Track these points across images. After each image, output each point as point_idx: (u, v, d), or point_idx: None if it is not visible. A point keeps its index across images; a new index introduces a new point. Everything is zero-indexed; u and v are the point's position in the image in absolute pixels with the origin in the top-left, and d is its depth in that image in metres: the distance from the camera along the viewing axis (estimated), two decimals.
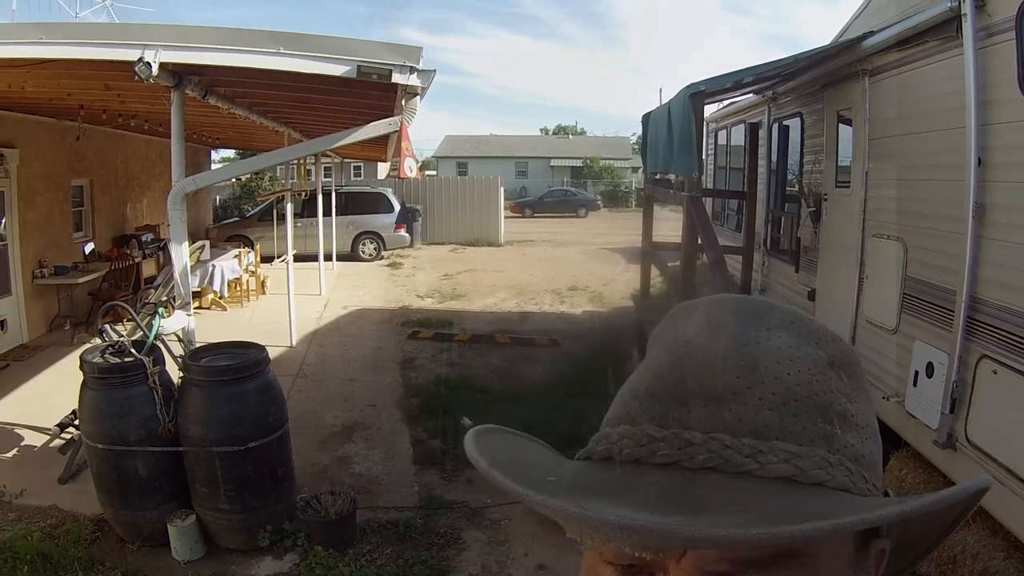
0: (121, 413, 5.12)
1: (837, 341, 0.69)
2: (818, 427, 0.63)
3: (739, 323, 0.67)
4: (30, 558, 5.00)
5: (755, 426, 0.61)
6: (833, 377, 0.66)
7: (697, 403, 0.63)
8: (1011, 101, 4.63)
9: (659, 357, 0.68)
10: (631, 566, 0.61)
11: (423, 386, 9.12)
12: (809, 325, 0.69)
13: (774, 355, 0.65)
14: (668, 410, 0.63)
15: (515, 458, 0.67)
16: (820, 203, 7.95)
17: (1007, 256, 4.68)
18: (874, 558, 0.67)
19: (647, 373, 0.68)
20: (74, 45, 5.32)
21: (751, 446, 0.60)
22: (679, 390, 0.64)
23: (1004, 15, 4.69)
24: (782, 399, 0.62)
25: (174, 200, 5.66)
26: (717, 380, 0.63)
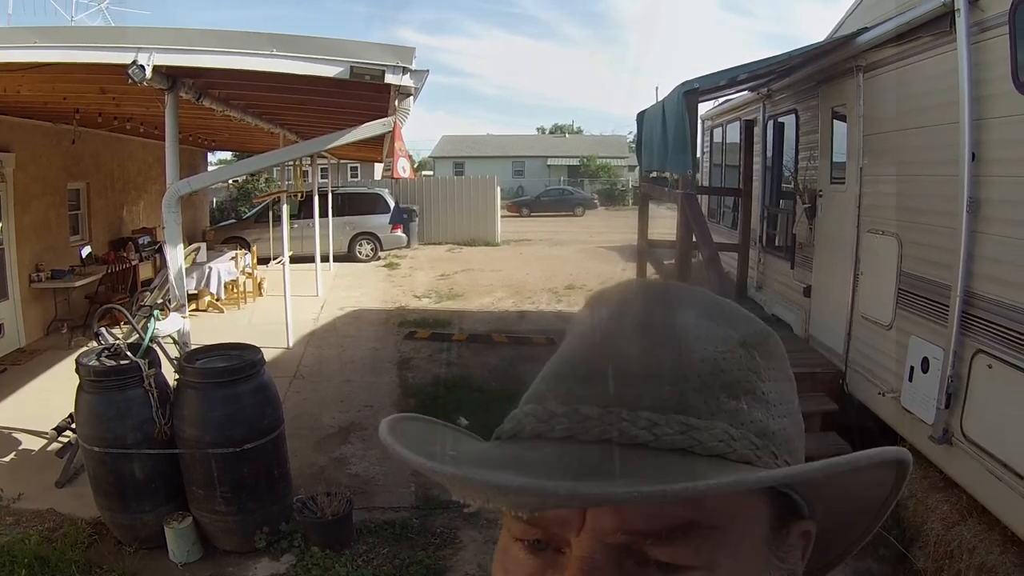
0: (117, 416, 5.12)
1: (751, 322, 0.70)
2: (721, 402, 0.63)
3: (646, 305, 0.68)
4: (28, 562, 4.99)
5: (653, 401, 0.61)
6: (743, 355, 0.66)
7: (598, 381, 0.63)
8: (1005, 96, 4.64)
9: (568, 341, 0.69)
10: (537, 541, 0.63)
11: (420, 386, 9.12)
12: (722, 307, 0.70)
13: (678, 334, 0.65)
14: (571, 388, 0.64)
15: (426, 439, 0.69)
16: (815, 199, 7.96)
17: (1001, 251, 4.69)
18: (798, 539, 0.67)
19: (556, 357, 0.69)
20: (69, 49, 5.32)
21: (647, 419, 0.60)
22: (582, 369, 0.65)
23: (997, 10, 4.70)
24: (682, 375, 0.62)
25: (169, 202, 5.66)
26: (619, 359, 0.63)
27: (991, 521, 4.62)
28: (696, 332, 0.65)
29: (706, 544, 0.59)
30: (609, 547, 0.58)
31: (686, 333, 0.65)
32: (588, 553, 0.58)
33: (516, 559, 0.65)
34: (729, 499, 0.60)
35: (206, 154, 20.77)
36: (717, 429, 0.61)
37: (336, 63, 5.14)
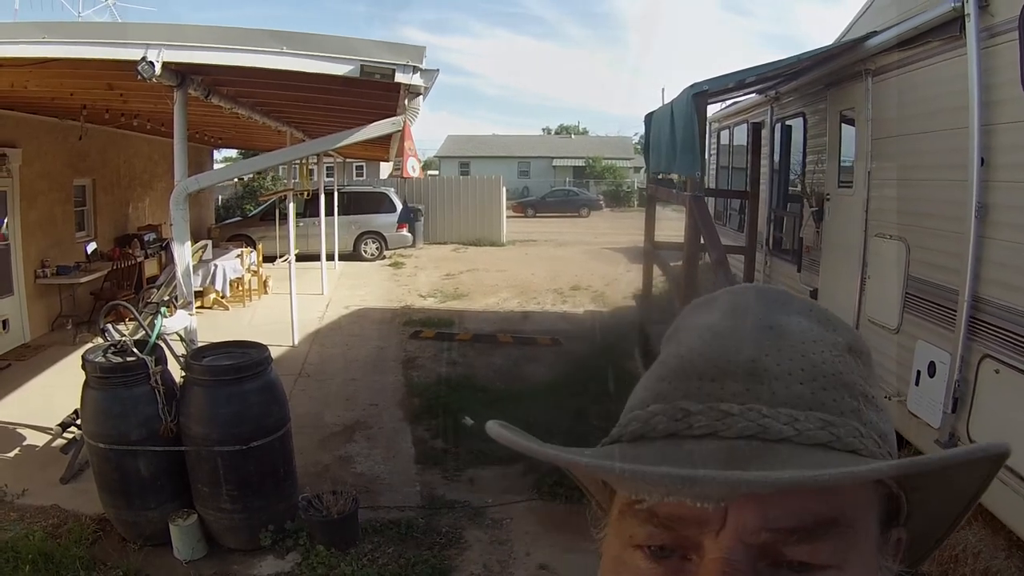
0: (123, 413, 5.12)
1: (852, 330, 0.71)
2: (847, 402, 0.64)
3: (762, 307, 0.69)
4: (32, 558, 5.00)
5: (788, 398, 0.62)
6: (852, 361, 0.67)
7: (729, 379, 0.63)
8: (1014, 101, 4.63)
9: (684, 342, 0.68)
10: (661, 548, 0.61)
11: (425, 386, 9.12)
12: (825, 313, 0.71)
13: (799, 335, 0.66)
14: (701, 387, 0.64)
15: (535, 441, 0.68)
16: (823, 203, 7.95)
17: (1009, 256, 4.68)
18: (893, 546, 0.67)
19: (673, 358, 0.68)
20: (77, 44, 5.32)
21: (788, 414, 0.61)
22: (709, 368, 0.64)
23: (1007, 15, 4.69)
24: (811, 375, 0.64)
25: (177, 199, 5.66)
26: (747, 357, 0.64)
27: (996, 526, 4.61)
28: (812, 336, 0.67)
29: (843, 542, 0.59)
30: (748, 547, 0.58)
31: (805, 336, 0.66)
32: (727, 554, 0.58)
33: (636, 568, 0.63)
34: (860, 498, 0.62)
35: (212, 152, 20.79)
36: (850, 426, 0.63)
37: (346, 61, 5.14)
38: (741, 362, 0.64)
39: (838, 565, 0.59)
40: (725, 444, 0.60)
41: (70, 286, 11.44)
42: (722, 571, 0.57)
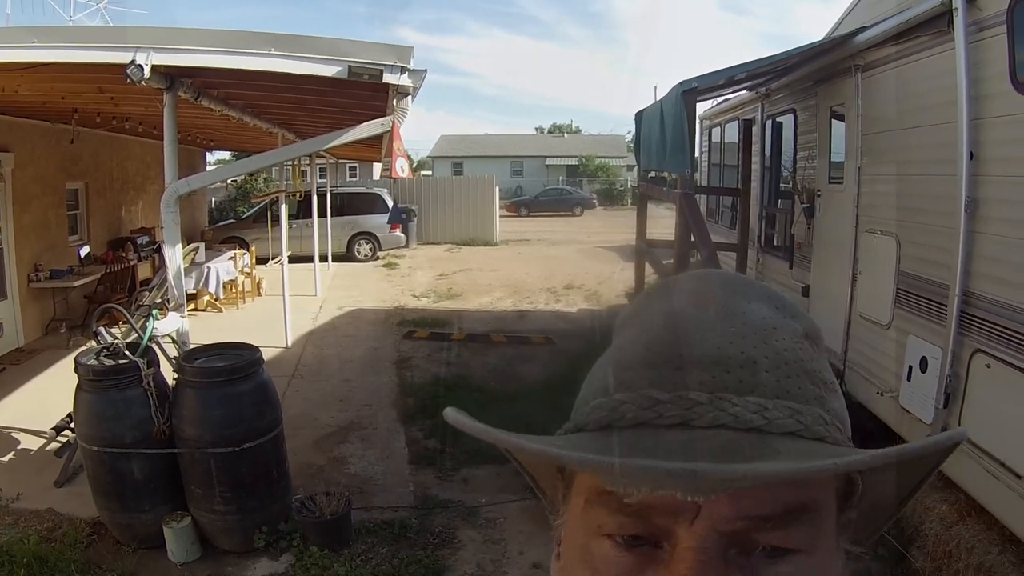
0: (116, 415, 5.12)
1: (807, 316, 0.71)
2: (810, 389, 0.64)
3: (724, 293, 0.69)
4: (27, 562, 4.99)
5: (755, 386, 0.62)
6: (809, 347, 0.68)
7: (695, 367, 0.63)
8: (1003, 95, 4.64)
9: (647, 329, 0.68)
10: (634, 537, 0.61)
11: (419, 386, 9.12)
12: (783, 299, 0.71)
13: (761, 323, 0.66)
14: (666, 375, 0.63)
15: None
16: (813, 199, 7.96)
17: (1000, 250, 4.69)
18: (846, 526, 0.68)
19: (635, 345, 0.68)
20: (67, 48, 5.32)
21: (756, 403, 0.61)
22: (675, 356, 0.64)
23: (995, 9, 4.70)
24: (775, 363, 0.64)
25: (167, 202, 5.66)
26: (712, 346, 0.64)
27: (989, 521, 4.62)
28: (773, 323, 0.67)
29: (811, 527, 0.60)
30: (721, 535, 0.58)
31: (767, 323, 0.66)
32: (701, 543, 0.58)
33: (606, 557, 0.63)
34: (827, 483, 0.63)
35: (204, 154, 20.76)
36: (815, 414, 0.63)
37: (334, 63, 5.15)
38: (707, 350, 0.64)
39: (807, 549, 0.60)
40: (697, 433, 0.60)
41: (63, 290, 11.42)
42: (696, 560, 0.58)
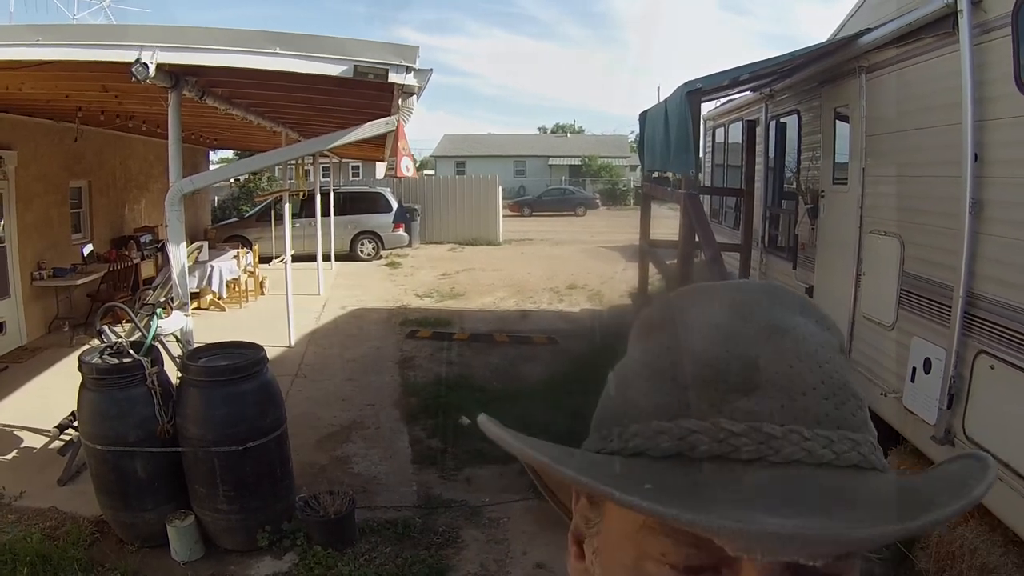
0: (120, 414, 5.12)
1: (837, 327, 0.70)
2: (860, 414, 0.64)
3: (769, 306, 0.66)
4: (30, 560, 5.00)
5: (819, 415, 0.61)
6: (845, 363, 0.66)
7: (763, 395, 0.61)
8: (1007, 97, 4.63)
9: (694, 343, 0.64)
10: (691, 566, 0.60)
11: (422, 385, 9.12)
12: (818, 311, 0.69)
13: (810, 341, 0.64)
14: (731, 401, 0.61)
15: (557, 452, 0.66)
16: (817, 200, 7.95)
17: (1004, 252, 4.68)
18: None
19: (686, 361, 0.64)
20: (71, 47, 5.32)
21: (824, 436, 0.60)
22: (739, 381, 0.61)
23: (1000, 11, 4.69)
24: (830, 388, 0.62)
25: (171, 201, 5.66)
26: (774, 370, 0.62)
27: (993, 522, 4.61)
28: (819, 340, 0.65)
29: (855, 556, 0.61)
30: (785, 565, 0.57)
31: (814, 340, 0.65)
32: (767, 574, 0.57)
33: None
34: None
35: (208, 153, 20.77)
36: (868, 442, 0.63)
37: (339, 62, 5.14)
38: (771, 375, 0.61)
39: (847, 570, 0.60)
40: (776, 472, 0.58)
41: (67, 288, 11.44)
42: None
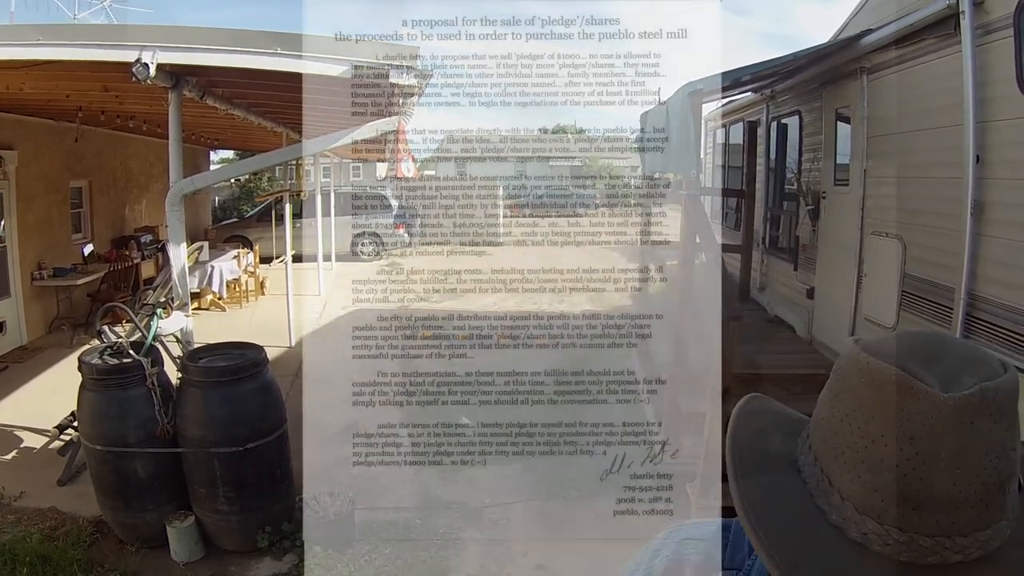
0: (120, 414, 5.12)
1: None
2: (1006, 498, 0.78)
3: (959, 425, 0.76)
4: (29, 560, 4.99)
5: (974, 523, 0.77)
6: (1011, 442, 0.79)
7: (939, 511, 0.76)
8: (1009, 98, 4.63)
9: (896, 452, 0.78)
10: None
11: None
12: (1004, 397, 0.79)
13: (979, 455, 0.76)
14: (913, 516, 0.77)
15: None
16: (819, 201, 7.95)
17: (1006, 253, 4.68)
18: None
19: (885, 469, 0.78)
20: (72, 47, 5.32)
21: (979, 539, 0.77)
22: (915, 496, 0.76)
23: (1002, 12, 4.69)
24: (997, 490, 0.77)
25: (172, 201, 5.66)
26: (946, 490, 0.76)
27: None
28: (989, 442, 0.77)
29: None
30: None
31: (984, 451, 0.77)
32: None
33: None
34: None
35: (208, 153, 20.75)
36: (1008, 523, 0.80)
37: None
38: (944, 496, 0.76)
39: None
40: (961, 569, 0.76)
41: (67, 288, 11.42)
42: None
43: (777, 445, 0.92)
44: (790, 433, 0.93)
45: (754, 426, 0.95)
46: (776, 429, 0.95)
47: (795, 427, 0.94)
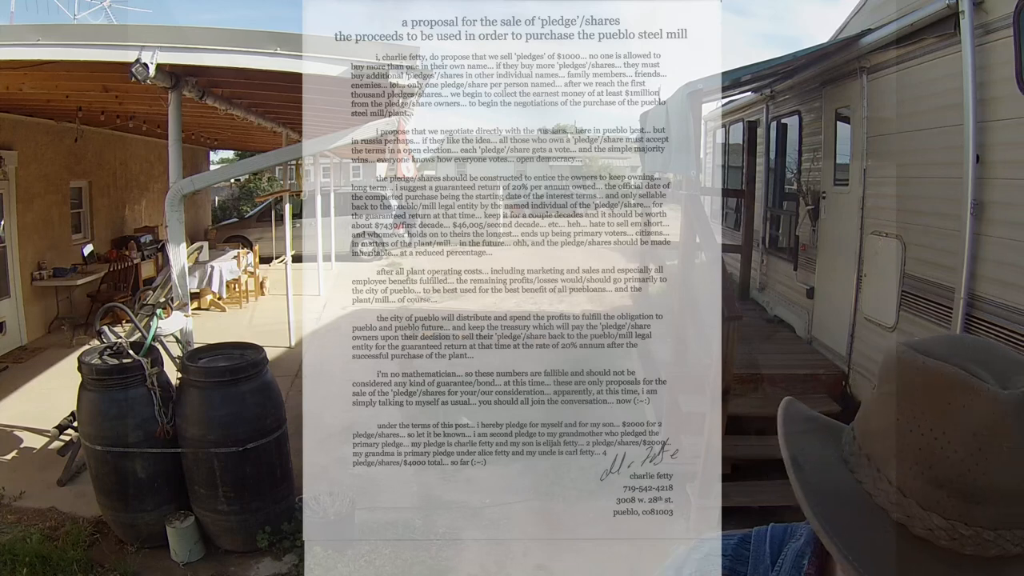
0: (120, 415, 5.11)
1: None
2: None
3: (1017, 426, 0.80)
4: (29, 560, 5.00)
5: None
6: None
7: (988, 504, 0.80)
8: (1009, 98, 4.63)
9: (955, 448, 0.81)
10: None
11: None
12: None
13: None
14: (965, 509, 0.81)
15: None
16: (818, 201, 7.95)
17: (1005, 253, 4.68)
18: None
19: (942, 461, 0.81)
20: (71, 47, 5.32)
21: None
22: (971, 492, 0.80)
23: (1002, 12, 4.69)
24: None
25: (172, 201, 5.66)
26: (999, 485, 0.80)
27: None
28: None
29: None
30: None
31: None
32: None
33: None
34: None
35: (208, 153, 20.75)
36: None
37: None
38: (997, 491, 0.79)
39: None
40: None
41: (67, 288, 11.42)
42: None
43: (826, 447, 0.96)
44: (830, 436, 0.98)
45: (801, 428, 1.00)
46: (817, 431, 1.00)
47: (832, 430, 1.00)
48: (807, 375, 6.91)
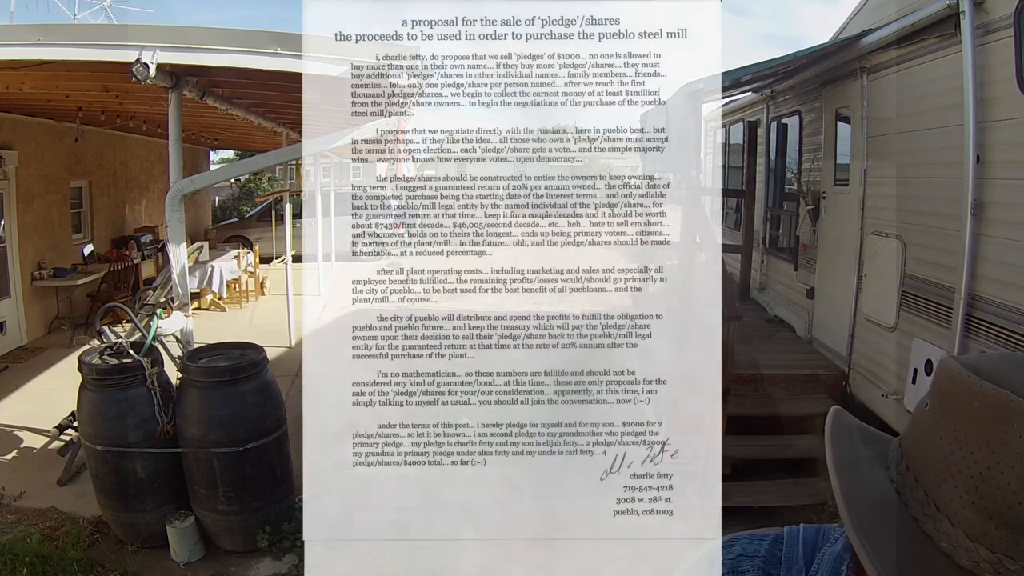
0: (120, 414, 5.12)
1: None
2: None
3: None
4: (29, 560, 5.00)
5: None
6: None
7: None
8: (1009, 98, 4.63)
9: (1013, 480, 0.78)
10: None
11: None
12: None
13: None
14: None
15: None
16: (819, 201, 7.95)
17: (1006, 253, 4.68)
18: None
19: (1001, 495, 0.78)
20: (72, 47, 5.32)
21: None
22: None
23: (1002, 12, 4.69)
24: None
25: (172, 201, 5.66)
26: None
27: None
28: None
29: None
30: None
31: None
32: None
33: None
34: None
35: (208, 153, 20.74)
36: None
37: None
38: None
39: None
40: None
41: (67, 288, 11.43)
42: None
43: (871, 465, 0.92)
44: (877, 452, 0.93)
45: (847, 443, 0.95)
46: (864, 446, 0.95)
47: (879, 444, 0.95)
48: (807, 375, 6.90)
